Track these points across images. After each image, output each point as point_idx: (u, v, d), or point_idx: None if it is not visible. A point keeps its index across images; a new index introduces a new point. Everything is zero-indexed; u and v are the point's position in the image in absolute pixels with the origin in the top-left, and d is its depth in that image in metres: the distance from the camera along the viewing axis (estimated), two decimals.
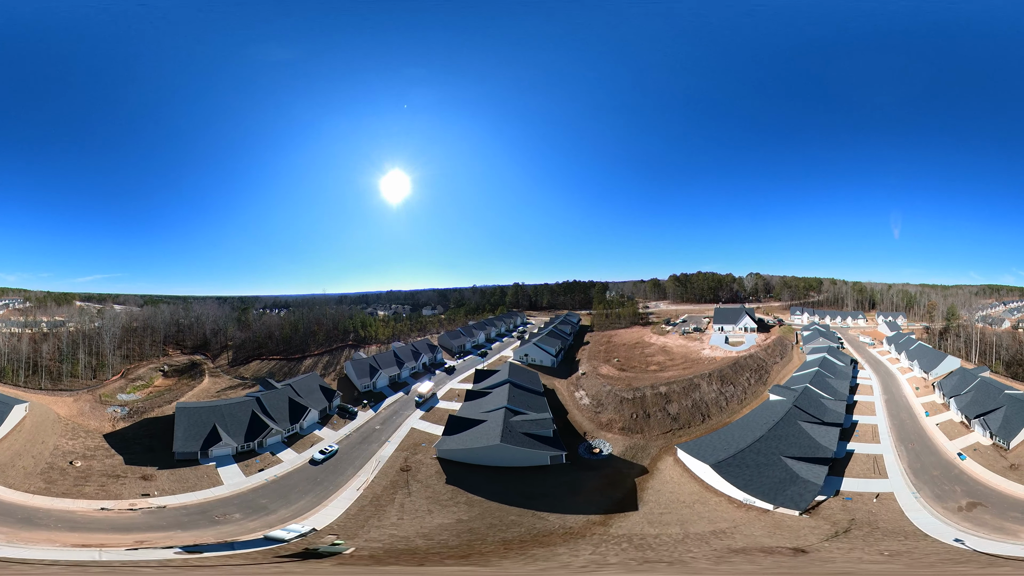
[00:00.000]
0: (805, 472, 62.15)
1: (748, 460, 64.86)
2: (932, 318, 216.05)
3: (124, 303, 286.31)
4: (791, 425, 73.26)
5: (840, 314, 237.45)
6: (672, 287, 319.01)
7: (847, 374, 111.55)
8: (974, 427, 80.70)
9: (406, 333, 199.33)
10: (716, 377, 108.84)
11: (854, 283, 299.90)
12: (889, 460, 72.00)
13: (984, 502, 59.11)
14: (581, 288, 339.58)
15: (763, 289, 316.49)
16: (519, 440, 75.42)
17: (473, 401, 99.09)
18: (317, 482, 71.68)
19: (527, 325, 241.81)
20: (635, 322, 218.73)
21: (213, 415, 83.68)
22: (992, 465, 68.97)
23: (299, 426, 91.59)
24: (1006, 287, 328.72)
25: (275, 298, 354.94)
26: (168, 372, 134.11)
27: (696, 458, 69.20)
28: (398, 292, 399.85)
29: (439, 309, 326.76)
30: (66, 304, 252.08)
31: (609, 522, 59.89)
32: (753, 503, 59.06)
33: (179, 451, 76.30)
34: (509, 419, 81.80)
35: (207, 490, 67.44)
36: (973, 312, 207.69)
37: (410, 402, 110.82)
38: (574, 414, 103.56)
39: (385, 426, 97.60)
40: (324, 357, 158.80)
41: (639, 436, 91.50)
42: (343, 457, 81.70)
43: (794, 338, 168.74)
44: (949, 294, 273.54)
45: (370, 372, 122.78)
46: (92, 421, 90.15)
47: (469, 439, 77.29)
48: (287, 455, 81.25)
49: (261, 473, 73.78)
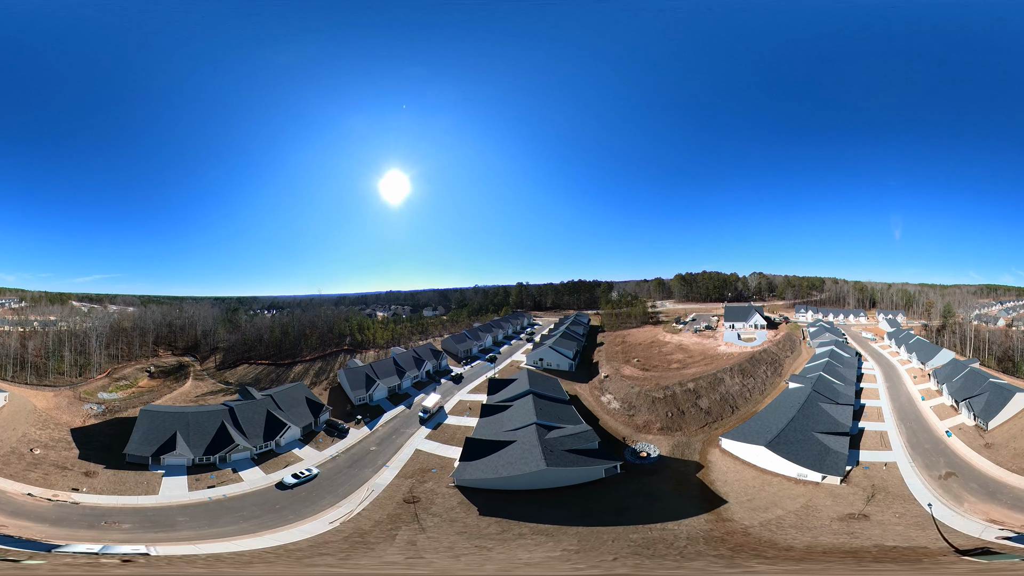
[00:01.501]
0: (833, 444, 78.70)
1: (790, 437, 78.95)
2: (930, 316, 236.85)
3: (122, 303, 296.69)
4: (814, 406, 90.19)
5: (842, 312, 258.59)
6: (677, 286, 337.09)
7: (853, 364, 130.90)
8: (961, 410, 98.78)
9: (406, 337, 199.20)
10: (737, 371, 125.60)
11: (855, 282, 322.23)
12: (892, 436, 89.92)
13: (957, 473, 75.09)
14: (586, 288, 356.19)
15: (766, 288, 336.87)
16: (566, 459, 73.21)
17: (491, 417, 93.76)
18: (275, 509, 66.49)
19: (535, 326, 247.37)
20: (645, 321, 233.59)
21: (176, 422, 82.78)
22: (971, 443, 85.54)
23: (275, 443, 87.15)
24: (1003, 287, 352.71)
25: (274, 299, 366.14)
26: (155, 373, 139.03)
27: (745, 443, 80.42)
28: (398, 293, 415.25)
29: (440, 310, 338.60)
30: (60, 304, 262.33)
31: (724, 517, 64.43)
32: (804, 476, 73.07)
33: (130, 453, 77.15)
34: (544, 437, 77.82)
35: (136, 497, 67.97)
36: (969, 311, 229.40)
37: (413, 418, 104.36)
38: (605, 420, 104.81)
39: (383, 447, 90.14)
40: (316, 363, 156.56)
41: (679, 434, 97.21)
42: (323, 483, 75.36)
43: (801, 334, 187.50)
44: (947, 293, 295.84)
45: (366, 383, 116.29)
46: (65, 415, 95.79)
47: (499, 465, 72.24)
48: (252, 475, 77.37)
49: (210, 490, 71.24)
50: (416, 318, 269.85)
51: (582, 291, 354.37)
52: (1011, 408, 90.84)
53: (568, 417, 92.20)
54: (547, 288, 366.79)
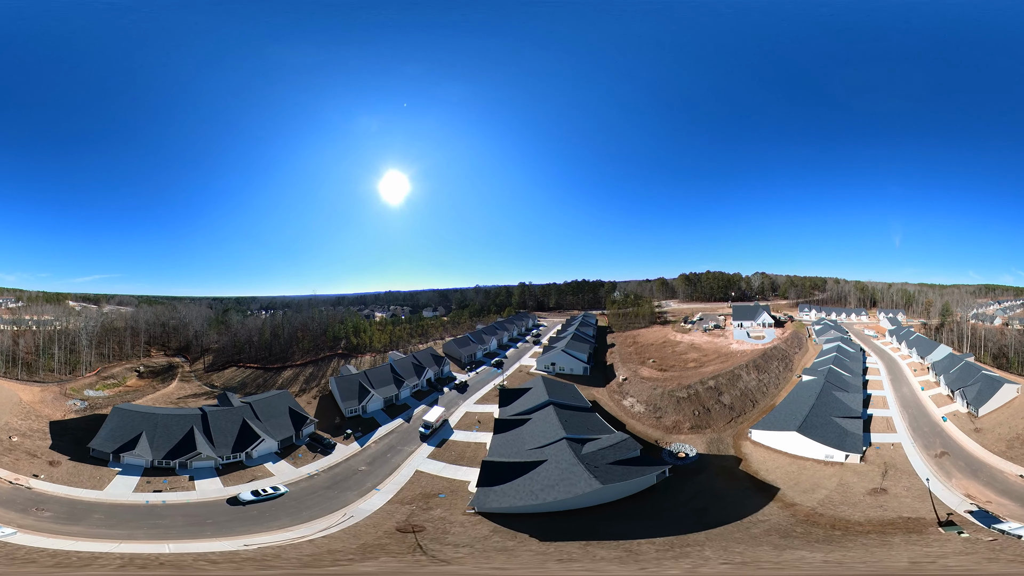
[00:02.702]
0: (850, 427, 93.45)
1: (815, 422, 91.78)
2: (929, 315, 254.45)
3: (119, 303, 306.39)
4: (829, 395, 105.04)
5: (844, 311, 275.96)
6: (682, 286, 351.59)
7: (859, 359, 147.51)
8: (956, 398, 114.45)
9: (405, 340, 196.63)
10: (752, 367, 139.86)
11: (856, 282, 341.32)
12: (896, 421, 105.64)
13: (950, 453, 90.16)
14: (589, 288, 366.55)
15: (769, 288, 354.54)
16: (615, 473, 72.39)
17: (508, 433, 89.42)
18: (203, 523, 64.58)
19: (540, 328, 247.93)
20: (653, 321, 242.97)
21: (144, 422, 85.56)
22: (963, 427, 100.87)
23: (245, 455, 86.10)
24: (1002, 287, 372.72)
25: (272, 299, 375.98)
26: (143, 373, 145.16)
27: (775, 431, 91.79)
28: (397, 293, 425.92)
29: (440, 311, 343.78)
30: (57, 303, 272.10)
31: (788, 502, 72.52)
32: (831, 457, 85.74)
33: (95, 448, 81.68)
34: (581, 452, 76.11)
35: (82, 490, 71.95)
36: (967, 310, 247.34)
37: (412, 433, 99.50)
38: (632, 424, 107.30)
39: (374, 467, 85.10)
40: (307, 368, 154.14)
41: (709, 431, 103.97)
42: (287, 504, 71.57)
43: (806, 332, 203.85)
44: (946, 293, 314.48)
45: (359, 393, 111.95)
46: (48, 409, 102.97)
47: (534, 489, 68.76)
48: (208, 485, 77.03)
49: (153, 494, 72.64)
50: (416, 319, 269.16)
51: (585, 291, 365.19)
52: (999, 398, 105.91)
53: (596, 426, 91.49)
54: (550, 288, 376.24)
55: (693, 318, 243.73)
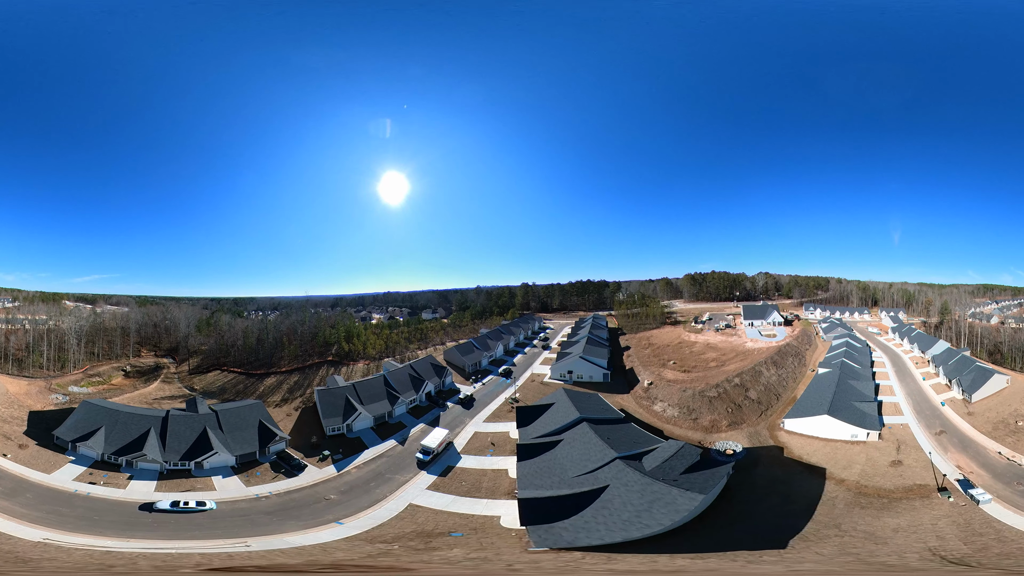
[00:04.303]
0: (867, 409, 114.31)
1: (839, 406, 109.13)
2: (928, 314, 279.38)
3: (116, 303, 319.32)
4: (845, 384, 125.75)
5: (847, 310, 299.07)
6: (687, 286, 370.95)
7: (866, 353, 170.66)
8: (952, 386, 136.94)
9: (403, 345, 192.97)
10: (771, 363, 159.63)
11: (858, 282, 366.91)
12: (903, 405, 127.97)
13: (947, 431, 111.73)
14: (594, 288, 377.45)
15: (773, 287, 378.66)
16: (699, 483, 72.09)
17: (538, 459, 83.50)
18: (102, 523, 66.94)
19: (547, 331, 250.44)
20: (663, 322, 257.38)
21: (107, 418, 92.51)
22: (958, 411, 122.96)
23: (195, 464, 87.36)
24: (1000, 286, 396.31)
25: (271, 299, 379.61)
26: (130, 372, 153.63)
27: (807, 417, 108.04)
28: (396, 294, 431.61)
29: (440, 312, 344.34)
30: (53, 303, 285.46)
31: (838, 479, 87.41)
32: (856, 437, 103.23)
33: (58, 436, 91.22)
34: (646, 470, 75.07)
35: (35, 471, 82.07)
36: (965, 309, 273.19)
37: (407, 459, 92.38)
38: (668, 429, 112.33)
39: (349, 497, 78.19)
40: (293, 376, 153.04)
41: (745, 426, 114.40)
42: (203, 521, 70.04)
43: (814, 330, 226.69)
44: (945, 292, 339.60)
45: (344, 409, 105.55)
46: (31, 400, 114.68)
47: (614, 520, 65.33)
48: (142, 486, 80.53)
49: (88, 486, 79.44)
50: (414, 322, 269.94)
51: (590, 291, 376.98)
52: (989, 387, 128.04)
53: (640, 438, 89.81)
54: (553, 288, 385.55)
55: (703, 318, 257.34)
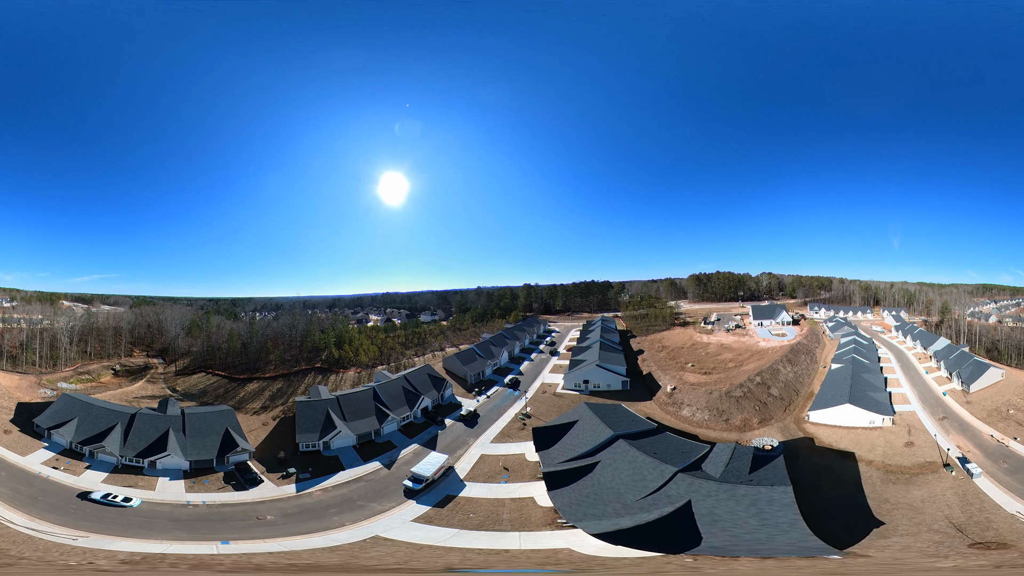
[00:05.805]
0: (880, 398, 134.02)
1: (857, 395, 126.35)
2: (929, 313, 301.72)
3: (114, 303, 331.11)
4: (858, 377, 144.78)
5: (850, 309, 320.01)
6: (692, 286, 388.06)
7: (873, 349, 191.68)
8: (952, 379, 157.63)
9: (398, 351, 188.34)
10: (786, 361, 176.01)
11: (860, 282, 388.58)
12: (909, 395, 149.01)
13: (948, 417, 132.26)
14: (598, 288, 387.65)
15: (777, 287, 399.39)
16: (770, 477, 76.73)
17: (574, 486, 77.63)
18: (42, 506, 77.78)
19: (553, 334, 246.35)
20: (673, 323, 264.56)
21: (81, 410, 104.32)
22: (958, 400, 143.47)
23: (149, 463, 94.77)
24: (999, 286, 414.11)
25: (269, 300, 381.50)
26: (119, 371, 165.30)
27: (830, 407, 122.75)
28: (395, 295, 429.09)
29: (440, 314, 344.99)
30: (50, 303, 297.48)
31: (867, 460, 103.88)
32: (874, 423, 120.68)
33: (37, 424, 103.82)
34: (718, 478, 75.72)
35: (12, 453, 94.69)
36: (964, 308, 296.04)
37: (393, 485, 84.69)
38: (702, 432, 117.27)
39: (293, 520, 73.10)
40: (277, 382, 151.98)
41: (775, 421, 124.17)
42: (117, 518, 75.92)
43: (820, 329, 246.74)
44: (945, 292, 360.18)
45: (323, 425, 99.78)
46: (21, 393, 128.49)
47: (744, 539, 66.69)
48: (93, 476, 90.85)
49: (51, 470, 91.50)
50: (412, 325, 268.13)
51: (594, 292, 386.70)
52: (985, 379, 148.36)
53: (684, 447, 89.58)
54: (556, 289, 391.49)
55: (711, 319, 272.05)
